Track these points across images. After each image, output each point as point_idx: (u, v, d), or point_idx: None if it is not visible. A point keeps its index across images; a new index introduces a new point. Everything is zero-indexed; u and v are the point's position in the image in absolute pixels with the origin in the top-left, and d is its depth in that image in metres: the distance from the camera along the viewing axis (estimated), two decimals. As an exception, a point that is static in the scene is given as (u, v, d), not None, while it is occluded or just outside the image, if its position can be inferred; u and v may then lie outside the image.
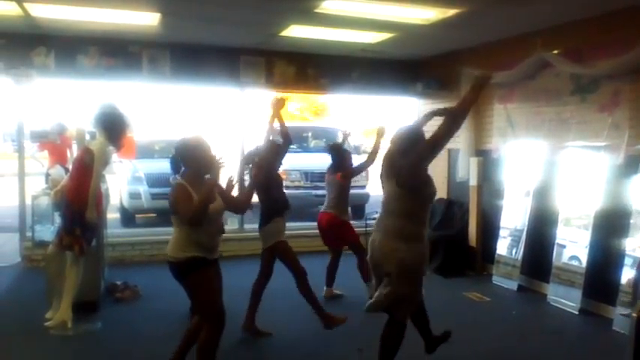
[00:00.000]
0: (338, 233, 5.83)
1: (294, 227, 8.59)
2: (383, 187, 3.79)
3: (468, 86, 5.31)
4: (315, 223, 6.26)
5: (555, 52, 5.83)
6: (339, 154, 5.98)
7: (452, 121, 3.57)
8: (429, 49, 7.54)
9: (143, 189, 9.47)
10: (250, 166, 4.69)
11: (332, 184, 5.88)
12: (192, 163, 3.60)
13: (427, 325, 4.11)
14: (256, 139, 11.26)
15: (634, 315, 3.08)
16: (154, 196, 9.45)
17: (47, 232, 6.16)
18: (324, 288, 5.93)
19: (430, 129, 3.76)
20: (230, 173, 3.92)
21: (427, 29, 6.15)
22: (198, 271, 3.54)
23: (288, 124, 5.62)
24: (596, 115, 5.52)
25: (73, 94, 13.82)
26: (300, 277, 4.79)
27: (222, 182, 3.82)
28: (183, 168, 3.67)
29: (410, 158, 3.57)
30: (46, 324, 4.72)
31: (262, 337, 4.72)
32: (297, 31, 6.38)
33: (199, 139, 3.67)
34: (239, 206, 4.15)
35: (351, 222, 6.24)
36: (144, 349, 4.44)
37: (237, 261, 7.07)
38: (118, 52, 6.92)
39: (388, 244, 3.58)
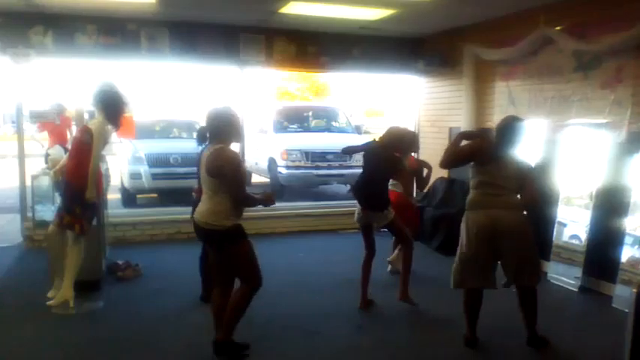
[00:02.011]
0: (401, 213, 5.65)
1: (296, 207, 8.62)
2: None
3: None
4: (317, 203, 6.24)
5: (558, 28, 5.76)
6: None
7: None
8: (431, 25, 7.46)
9: (144, 169, 9.48)
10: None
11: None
12: (225, 134, 3.70)
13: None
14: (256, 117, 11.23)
15: (634, 291, 3.08)
16: (155, 177, 9.46)
17: (48, 212, 6.16)
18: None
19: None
20: None
21: (429, 5, 6.07)
22: (244, 239, 3.73)
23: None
24: (598, 92, 5.47)
25: (71, 73, 13.78)
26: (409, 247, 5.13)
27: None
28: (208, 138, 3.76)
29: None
30: (48, 303, 4.74)
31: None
32: (297, 8, 6.31)
33: (233, 110, 3.82)
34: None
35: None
36: (145, 327, 4.46)
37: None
38: (116, 30, 6.85)
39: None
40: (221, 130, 3.69)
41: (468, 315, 4.20)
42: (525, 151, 4.25)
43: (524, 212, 4.09)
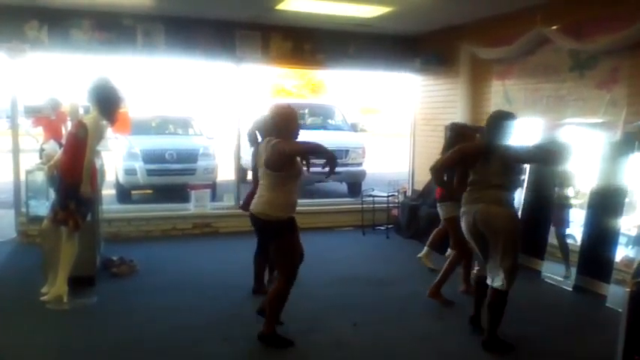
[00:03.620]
0: None
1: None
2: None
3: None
4: (311, 200, 6.24)
5: (554, 27, 5.77)
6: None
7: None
8: (428, 24, 7.46)
9: (139, 165, 9.45)
10: None
11: None
12: (281, 131, 3.91)
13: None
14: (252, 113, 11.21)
15: (627, 291, 3.10)
16: (150, 173, 9.44)
17: (42, 207, 6.13)
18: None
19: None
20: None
21: (425, 3, 6.08)
22: (293, 231, 3.99)
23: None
24: (593, 91, 5.49)
25: (66, 68, 13.71)
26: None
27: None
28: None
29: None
30: (42, 298, 4.72)
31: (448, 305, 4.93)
32: (294, 5, 6.30)
33: (288, 106, 4.11)
34: None
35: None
36: (139, 323, 4.45)
37: (233, 237, 7.10)
38: (112, 25, 6.83)
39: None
40: (274, 126, 3.94)
41: (475, 298, 4.41)
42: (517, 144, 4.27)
43: (513, 207, 4.15)
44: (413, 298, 5.07)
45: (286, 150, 3.82)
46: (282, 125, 3.92)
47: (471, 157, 4.10)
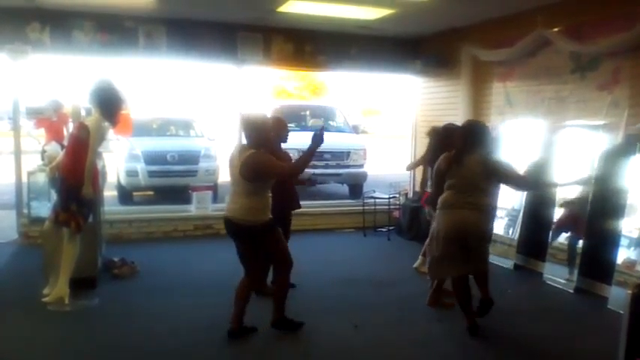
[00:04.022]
0: None
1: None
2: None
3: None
4: (314, 202, 6.24)
5: (555, 29, 5.77)
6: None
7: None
8: (429, 26, 7.46)
9: (140, 167, 9.46)
10: None
11: None
12: (255, 136, 4.03)
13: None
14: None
15: (629, 292, 3.10)
16: (151, 174, 9.45)
17: (43, 208, 6.15)
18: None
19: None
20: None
21: (427, 6, 6.08)
22: (275, 230, 4.17)
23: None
24: (595, 93, 5.48)
25: (68, 70, 13.73)
26: None
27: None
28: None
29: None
30: (44, 300, 4.73)
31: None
32: (295, 7, 6.31)
33: (261, 115, 4.22)
34: None
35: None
36: (141, 324, 4.45)
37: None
38: (113, 27, 6.84)
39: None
40: (253, 135, 4.04)
41: (461, 302, 4.41)
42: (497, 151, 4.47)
43: (491, 212, 4.38)
44: (414, 300, 5.07)
45: (284, 173, 4.21)
46: (258, 135, 4.03)
47: (446, 169, 4.33)
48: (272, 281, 4.83)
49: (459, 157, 4.26)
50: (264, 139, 4.04)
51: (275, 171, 4.05)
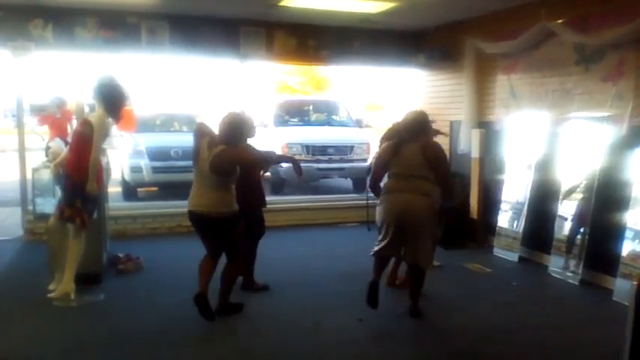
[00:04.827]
0: None
1: (296, 201, 8.63)
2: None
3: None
4: (317, 196, 6.25)
5: (559, 21, 5.73)
6: None
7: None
8: (432, 19, 7.43)
9: (144, 162, 9.47)
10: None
11: None
12: (232, 137, 4.19)
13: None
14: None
15: (634, 284, 3.08)
16: (155, 170, 9.46)
17: (48, 204, 6.16)
18: None
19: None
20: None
21: (429, -2, 6.05)
22: (239, 221, 4.35)
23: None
24: (599, 85, 5.45)
25: (71, 66, 13.74)
26: None
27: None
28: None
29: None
30: (50, 296, 4.75)
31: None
32: (297, 1, 6.29)
33: (237, 115, 4.42)
34: None
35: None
36: (146, 320, 4.47)
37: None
38: (116, 23, 6.84)
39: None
40: (226, 133, 4.20)
41: (376, 266, 4.60)
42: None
43: (432, 197, 4.40)
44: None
45: (242, 160, 4.31)
46: (234, 133, 4.21)
47: (388, 157, 4.50)
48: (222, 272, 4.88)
49: (399, 146, 4.44)
50: (238, 137, 4.25)
51: (248, 160, 4.40)
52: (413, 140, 4.40)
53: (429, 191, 4.36)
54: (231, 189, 4.28)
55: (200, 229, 4.37)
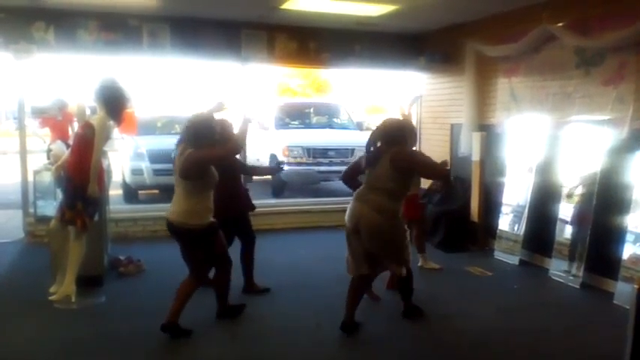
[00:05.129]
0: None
1: (296, 203, 8.64)
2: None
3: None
4: (318, 199, 6.26)
5: (560, 24, 5.74)
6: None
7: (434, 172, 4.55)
8: (433, 22, 7.44)
9: (145, 165, 9.48)
10: None
11: None
12: (200, 142, 4.01)
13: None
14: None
15: (635, 287, 3.09)
16: (157, 172, 9.47)
17: (50, 207, 6.17)
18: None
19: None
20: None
21: (431, 1, 6.07)
22: (217, 234, 4.18)
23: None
24: (600, 88, 5.46)
25: (73, 69, 13.74)
26: None
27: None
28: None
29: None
30: (51, 298, 4.75)
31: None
32: (298, 4, 6.30)
33: (207, 117, 4.22)
34: None
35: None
36: (147, 322, 4.46)
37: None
38: (117, 26, 6.86)
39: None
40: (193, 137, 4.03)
41: (349, 299, 4.30)
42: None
43: (386, 217, 4.12)
44: (419, 295, 5.05)
45: (204, 158, 4.01)
46: (200, 137, 4.02)
47: (365, 165, 4.30)
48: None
49: (376, 156, 4.20)
50: (207, 141, 4.02)
51: (216, 156, 4.07)
52: (387, 151, 4.16)
53: (385, 209, 4.10)
54: (204, 199, 4.06)
55: (174, 238, 4.24)
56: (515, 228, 6.42)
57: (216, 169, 4.20)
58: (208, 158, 4.01)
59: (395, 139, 4.18)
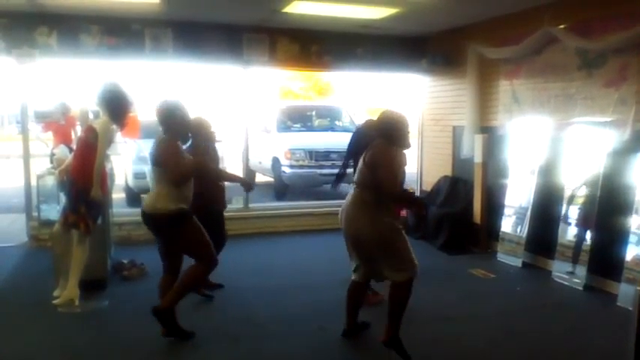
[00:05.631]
0: None
1: (299, 206, 8.64)
2: None
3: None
4: (320, 202, 6.25)
5: (562, 26, 5.75)
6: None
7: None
8: (435, 24, 7.45)
9: (148, 169, 9.45)
10: None
11: None
12: (172, 126, 3.95)
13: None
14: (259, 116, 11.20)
15: (639, 289, 3.09)
16: (159, 176, 9.46)
17: (53, 211, 6.19)
18: None
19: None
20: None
21: (432, 4, 6.07)
22: (189, 221, 3.96)
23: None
24: (602, 90, 5.46)
25: (76, 73, 13.82)
26: None
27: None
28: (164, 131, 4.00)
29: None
30: (54, 302, 4.76)
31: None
32: (300, 7, 6.31)
33: (177, 102, 4.03)
34: None
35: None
36: (151, 326, 4.45)
37: (242, 239, 7.12)
38: (120, 30, 6.87)
39: None
40: (166, 123, 3.96)
41: (347, 305, 4.19)
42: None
43: (372, 211, 3.76)
44: (421, 298, 5.05)
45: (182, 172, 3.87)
46: (169, 122, 3.94)
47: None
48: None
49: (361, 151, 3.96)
50: (177, 126, 3.94)
51: (170, 165, 3.84)
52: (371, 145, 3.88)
53: (363, 203, 3.79)
54: (173, 184, 3.85)
55: (151, 232, 4.14)
56: (518, 230, 6.42)
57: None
58: (165, 160, 3.88)
59: (381, 132, 3.87)
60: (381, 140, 3.81)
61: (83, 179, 4.67)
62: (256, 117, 11.08)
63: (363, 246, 3.86)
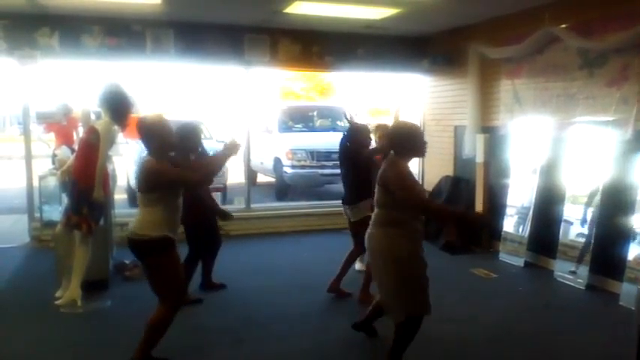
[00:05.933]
0: None
1: (300, 206, 8.64)
2: None
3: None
4: (321, 202, 6.24)
5: (563, 26, 5.74)
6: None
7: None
8: (436, 24, 7.45)
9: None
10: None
11: None
12: (152, 143, 3.53)
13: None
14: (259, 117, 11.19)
15: (640, 289, 3.09)
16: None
17: (55, 212, 6.20)
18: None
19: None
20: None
21: (434, 4, 6.07)
22: (168, 251, 3.51)
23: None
24: (604, 89, 5.46)
25: (77, 74, 13.84)
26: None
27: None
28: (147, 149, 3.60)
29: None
30: (56, 302, 4.78)
31: (345, 297, 5.07)
32: (301, 8, 6.31)
33: (158, 118, 3.63)
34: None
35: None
36: (153, 326, 4.48)
37: (243, 239, 7.13)
38: (121, 31, 6.89)
39: None
40: (147, 140, 3.55)
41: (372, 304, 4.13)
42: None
43: (390, 230, 3.47)
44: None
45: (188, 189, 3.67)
46: (152, 141, 3.52)
47: None
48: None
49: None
50: (160, 145, 3.49)
51: (182, 179, 3.51)
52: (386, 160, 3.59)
53: (390, 221, 3.47)
54: (159, 210, 3.44)
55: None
56: (520, 230, 6.41)
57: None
58: (173, 177, 3.47)
59: (392, 144, 3.57)
60: (392, 157, 3.51)
61: (85, 180, 4.68)
62: (258, 117, 11.09)
63: (373, 260, 3.65)
